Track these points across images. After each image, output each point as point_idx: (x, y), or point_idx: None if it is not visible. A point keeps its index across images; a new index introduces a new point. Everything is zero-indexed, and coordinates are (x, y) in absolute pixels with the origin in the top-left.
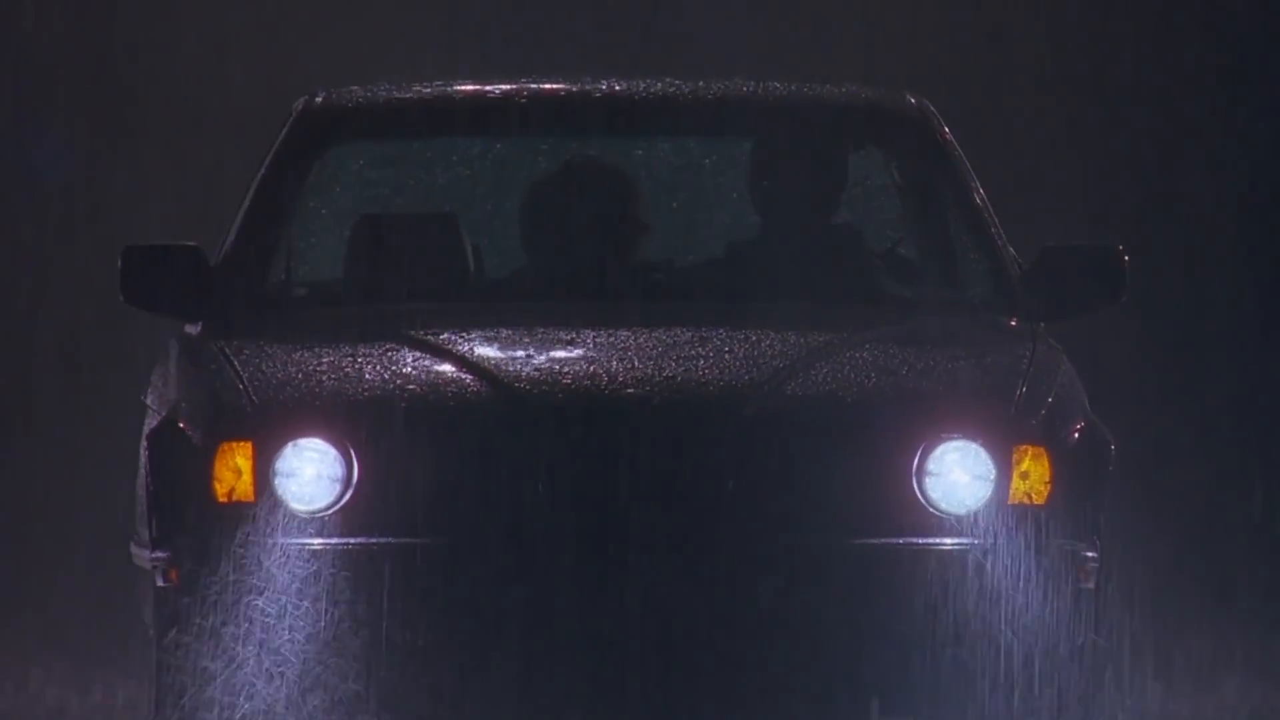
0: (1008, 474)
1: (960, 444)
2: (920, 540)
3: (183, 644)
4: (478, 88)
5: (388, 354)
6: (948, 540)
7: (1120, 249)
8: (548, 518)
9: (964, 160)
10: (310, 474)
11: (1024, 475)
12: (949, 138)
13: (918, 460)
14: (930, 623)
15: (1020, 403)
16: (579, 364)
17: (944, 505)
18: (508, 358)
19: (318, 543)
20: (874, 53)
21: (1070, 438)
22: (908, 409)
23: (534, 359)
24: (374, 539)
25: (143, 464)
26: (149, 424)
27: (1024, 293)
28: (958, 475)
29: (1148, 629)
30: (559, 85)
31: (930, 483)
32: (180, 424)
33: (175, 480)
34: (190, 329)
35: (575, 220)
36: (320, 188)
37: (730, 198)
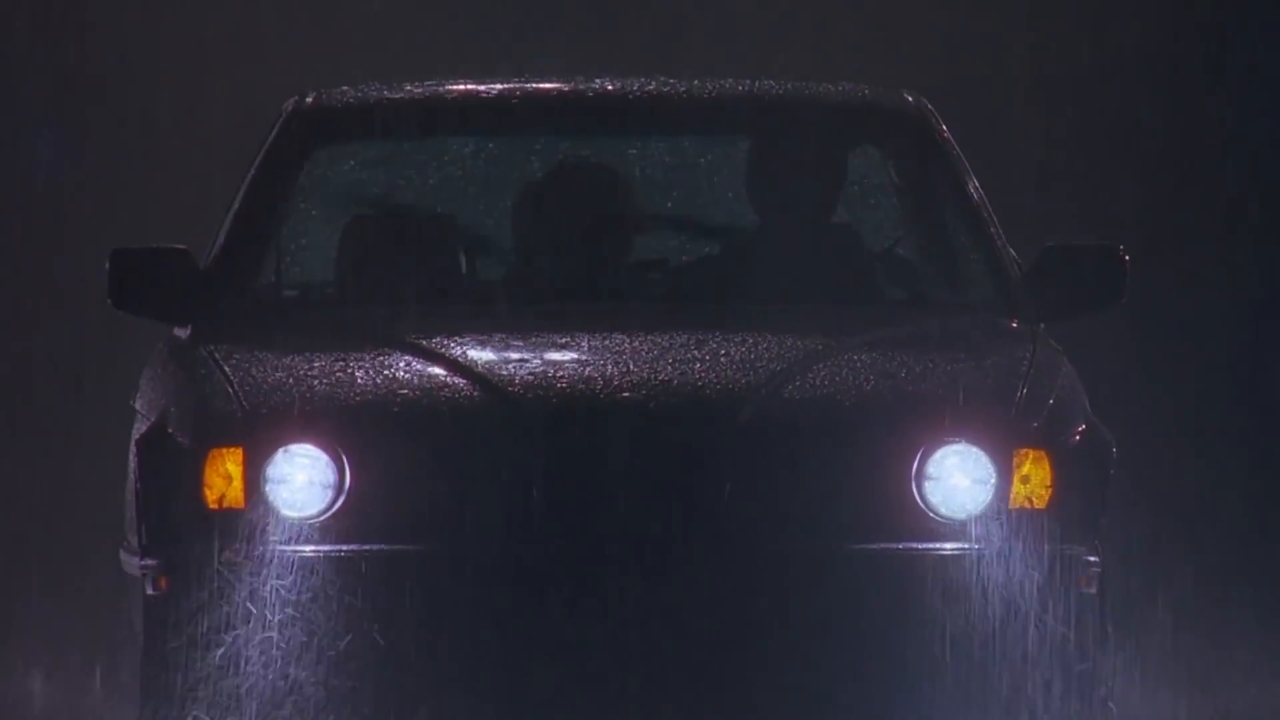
0: (1008, 478)
1: (960, 447)
2: (919, 545)
3: (172, 652)
4: (470, 87)
5: (380, 358)
6: (947, 545)
7: (1121, 248)
8: (542, 524)
9: (963, 159)
10: (301, 480)
11: (1024, 479)
12: (947, 136)
13: (917, 464)
14: (930, 629)
15: (1020, 405)
16: (573, 367)
17: (943, 510)
18: (501, 361)
19: (309, 550)
20: (872, 51)
21: (1071, 441)
22: (906, 412)
23: (528, 362)
24: (366, 546)
25: (132, 470)
26: (138, 429)
27: (1024, 293)
28: (957, 479)
29: (1150, 634)
30: (552, 84)
31: (930, 487)
32: (170, 430)
33: (165, 487)
34: (180, 333)
35: (568, 221)
36: (311, 189)
37: (726, 197)
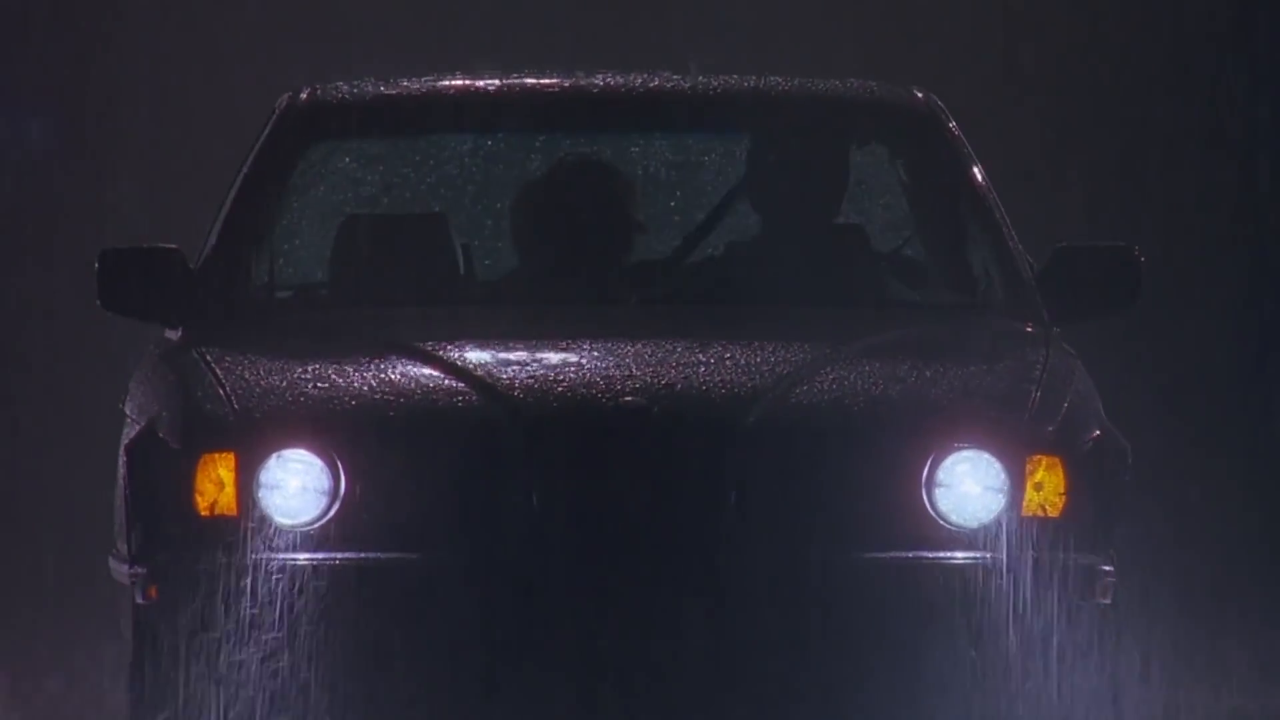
0: (1021, 485)
1: (971, 454)
2: (930, 554)
3: (162, 663)
4: (468, 82)
5: (376, 361)
6: (959, 554)
7: (1136, 249)
8: (543, 532)
9: (973, 157)
10: (295, 486)
11: (1038, 486)
12: (957, 133)
13: (927, 471)
14: (941, 640)
15: (1034, 411)
16: (575, 371)
17: (955, 518)
18: (501, 364)
19: (303, 558)
20: (877, 50)
21: (1086, 447)
22: (917, 418)
23: (528, 366)
24: (362, 554)
25: (121, 475)
26: (127, 434)
27: (1037, 295)
28: (969, 486)
29: (1164, 644)
30: (552, 80)
31: (940, 494)
32: (160, 434)
33: (155, 493)
34: (170, 335)
35: (569, 220)
36: (304, 187)
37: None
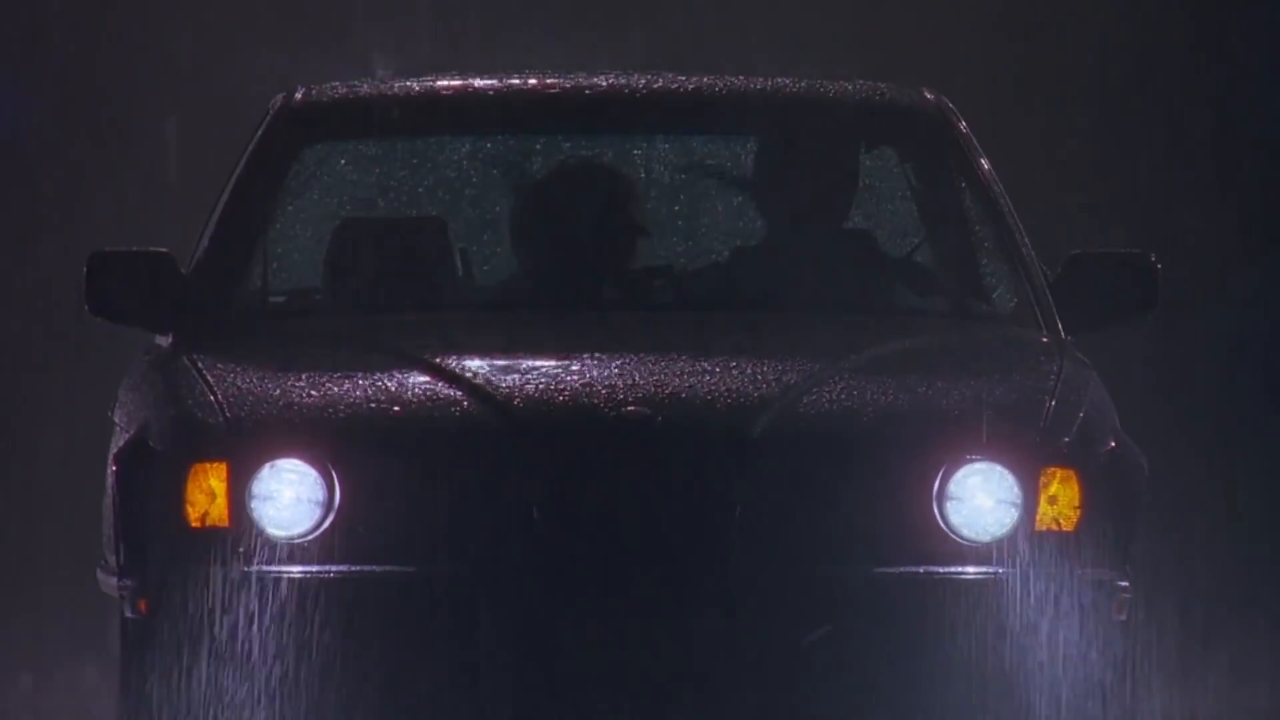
0: (1035, 498)
1: (984, 466)
2: (941, 569)
3: (151, 678)
4: (466, 83)
5: (371, 369)
6: (970, 569)
7: (1152, 257)
8: (543, 545)
9: (985, 160)
10: (289, 497)
11: (1052, 500)
12: (968, 136)
13: (938, 484)
14: (952, 657)
15: (1048, 422)
16: (576, 380)
17: (966, 532)
18: (500, 373)
19: (297, 571)
20: (883, 51)
21: (1101, 459)
22: (928, 429)
23: (528, 374)
24: (357, 567)
25: (110, 485)
26: (116, 443)
27: (1051, 304)
28: (981, 500)
29: (1182, 661)
30: (553, 80)
31: (952, 508)
32: (150, 443)
33: (144, 503)
34: (161, 341)
35: (570, 225)
36: (299, 190)
37: (734, 200)
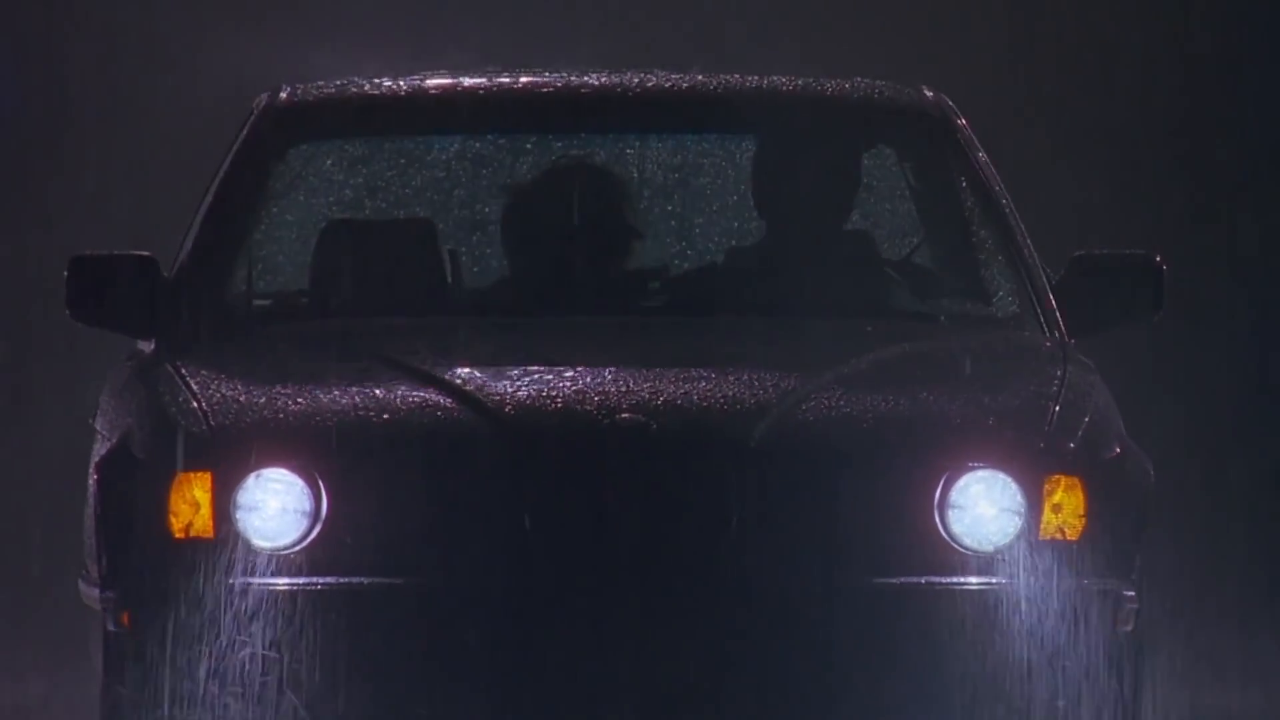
0: (1038, 507)
1: (986, 474)
2: (942, 579)
3: (134, 693)
4: (456, 81)
5: (359, 375)
6: (973, 579)
7: (1157, 257)
8: (535, 556)
9: (986, 160)
10: (275, 507)
11: (1056, 508)
12: (969, 135)
13: (940, 492)
14: (953, 669)
15: (1052, 428)
16: (569, 386)
17: (969, 541)
18: (491, 379)
19: (283, 583)
20: (888, 52)
21: (1106, 467)
22: (929, 436)
23: (519, 380)
24: (345, 579)
25: (91, 494)
26: (98, 451)
27: (1054, 306)
28: (984, 508)
29: (1188, 673)
30: (545, 78)
31: (954, 516)
32: (132, 452)
33: (127, 514)
34: (143, 346)
35: (562, 226)
36: (284, 191)
37: (731, 201)
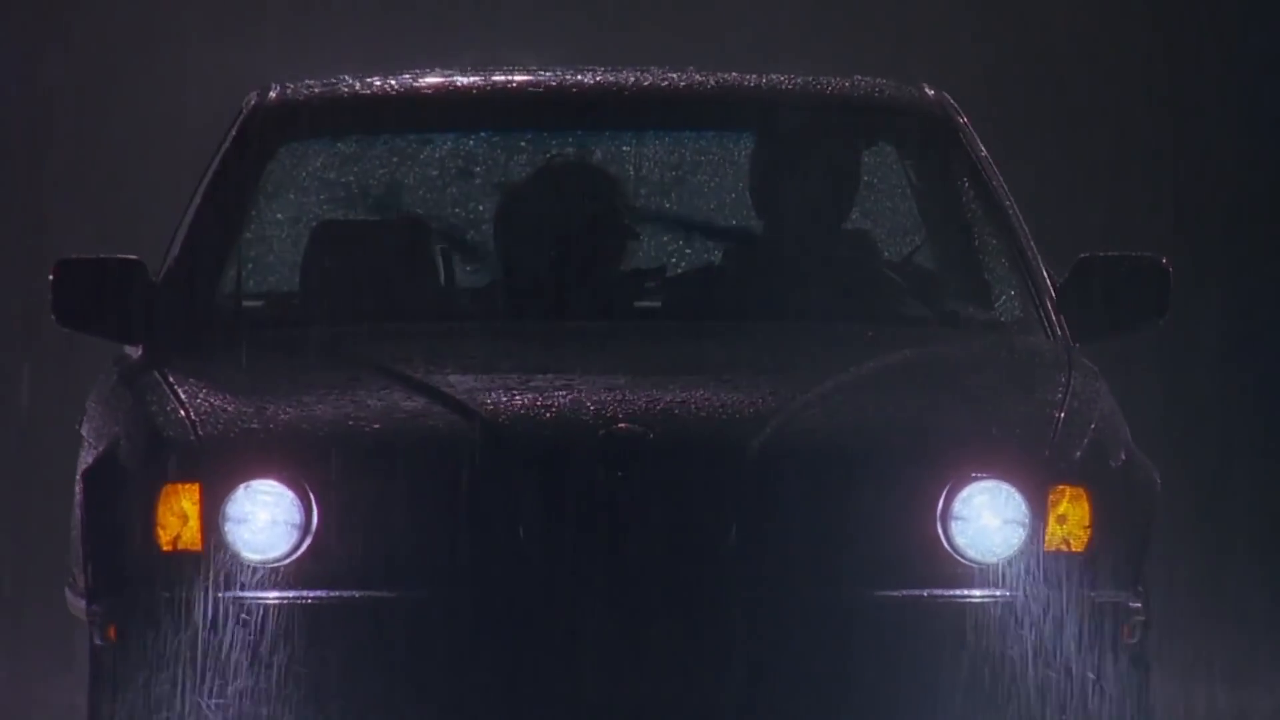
0: (1043, 517)
1: (990, 484)
2: (945, 592)
3: (121, 708)
4: (449, 79)
5: (351, 384)
6: (976, 592)
7: (1165, 260)
8: (530, 568)
9: (989, 160)
10: (264, 519)
11: (1061, 519)
12: (971, 134)
13: (943, 503)
14: (957, 683)
15: (1057, 437)
16: (564, 393)
17: (972, 553)
18: (484, 387)
19: (273, 596)
20: (892, 55)
21: (1113, 476)
22: (931, 445)
23: (513, 389)
24: (336, 592)
25: (78, 503)
26: (85, 459)
27: (1058, 310)
28: (987, 519)
29: (1196, 686)
30: (539, 76)
31: (957, 527)
32: (119, 462)
33: (113, 525)
34: (131, 352)
35: (556, 227)
36: (274, 191)
37: (728, 200)
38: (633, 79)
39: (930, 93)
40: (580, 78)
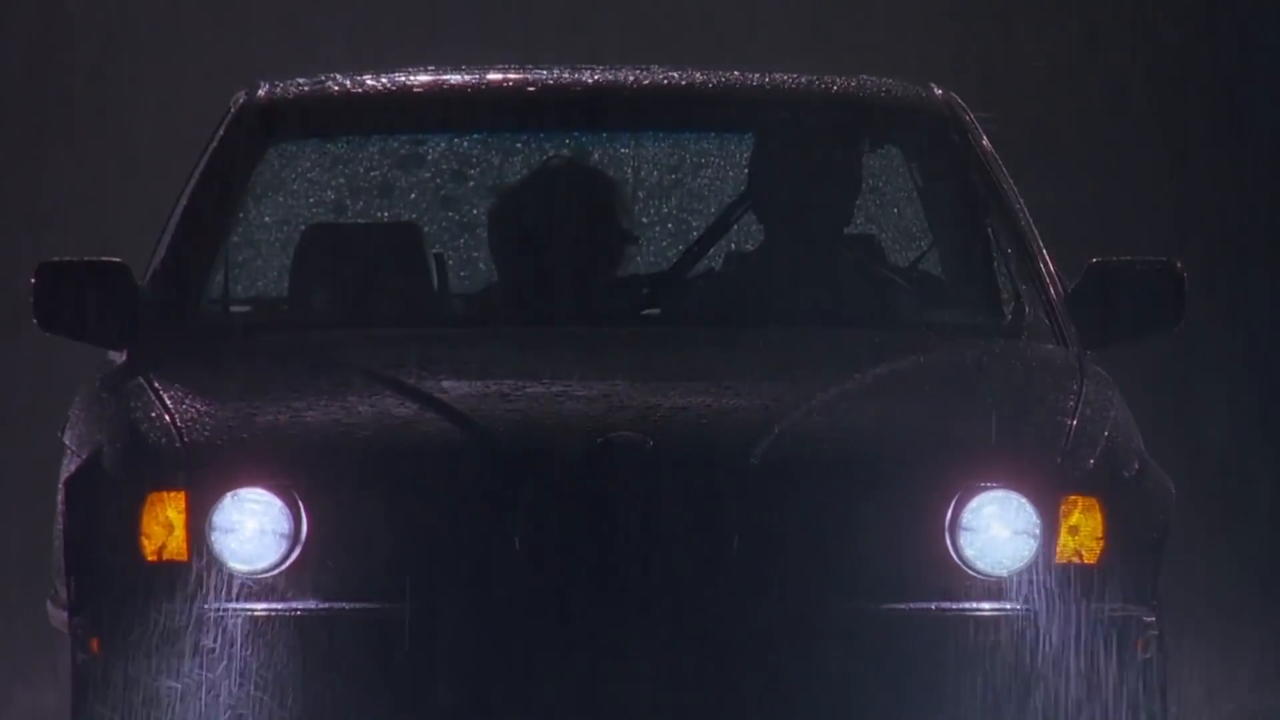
0: (1054, 529)
1: (1000, 495)
2: (954, 605)
3: None
4: (442, 78)
5: (341, 390)
6: (985, 605)
7: (1179, 265)
8: (526, 579)
9: (998, 161)
10: (252, 529)
11: (1073, 530)
12: (980, 135)
13: (951, 513)
14: (966, 698)
15: (1069, 447)
16: (561, 401)
17: (981, 565)
18: (479, 394)
19: (260, 608)
20: (895, 55)
21: (1126, 486)
22: (939, 454)
23: (509, 395)
24: (325, 604)
25: (60, 513)
26: (67, 466)
27: (1070, 316)
28: (997, 530)
29: (1209, 700)
30: (535, 75)
31: (966, 539)
32: (102, 470)
33: (97, 535)
34: (115, 357)
35: (553, 230)
36: (263, 193)
37: (728, 202)
38: (631, 78)
39: (938, 92)
40: (577, 76)
